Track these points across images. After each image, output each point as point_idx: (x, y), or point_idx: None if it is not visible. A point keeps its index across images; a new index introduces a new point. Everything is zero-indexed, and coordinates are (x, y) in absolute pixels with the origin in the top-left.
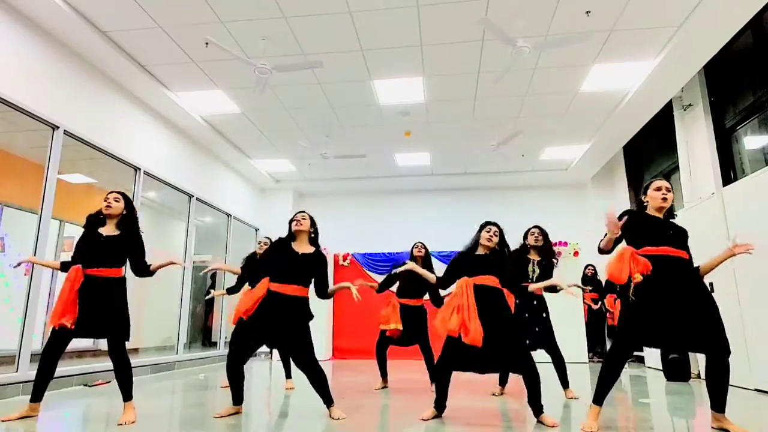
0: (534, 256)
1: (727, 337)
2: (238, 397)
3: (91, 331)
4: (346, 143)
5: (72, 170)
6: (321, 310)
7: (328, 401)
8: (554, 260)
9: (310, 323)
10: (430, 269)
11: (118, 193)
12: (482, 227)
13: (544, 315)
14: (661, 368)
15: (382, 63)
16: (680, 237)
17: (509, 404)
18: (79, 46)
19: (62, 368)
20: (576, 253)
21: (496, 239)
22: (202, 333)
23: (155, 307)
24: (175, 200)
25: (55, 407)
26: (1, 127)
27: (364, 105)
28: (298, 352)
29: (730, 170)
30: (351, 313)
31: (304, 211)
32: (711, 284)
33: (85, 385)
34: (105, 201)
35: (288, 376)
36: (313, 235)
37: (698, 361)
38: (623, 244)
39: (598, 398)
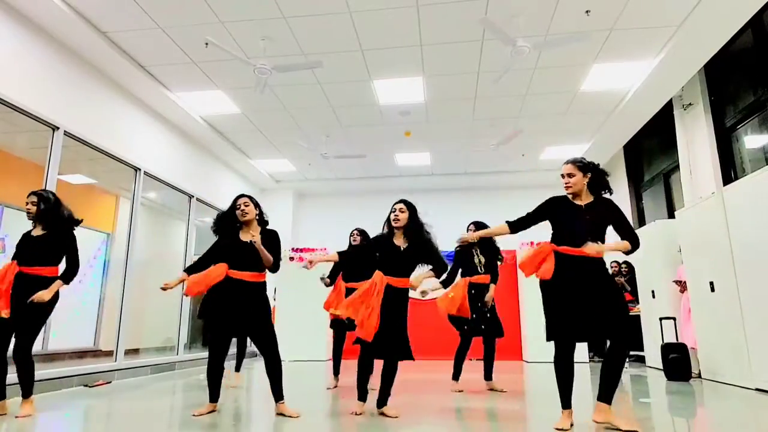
0: (477, 247)
1: (628, 329)
2: (215, 395)
3: (16, 326)
4: (346, 143)
5: (72, 171)
6: (320, 310)
7: (279, 396)
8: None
9: (310, 321)
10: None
11: (33, 193)
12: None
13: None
14: (661, 368)
15: (382, 63)
16: (597, 226)
17: (509, 404)
18: (79, 46)
19: (62, 369)
20: None
21: (402, 216)
22: (202, 333)
23: (155, 308)
24: (175, 200)
25: (55, 408)
26: (2, 127)
27: (364, 105)
28: (261, 336)
29: (730, 169)
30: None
31: (245, 196)
32: (711, 283)
33: (86, 385)
34: (26, 205)
35: (237, 369)
36: (258, 219)
37: (698, 361)
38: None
39: (565, 402)
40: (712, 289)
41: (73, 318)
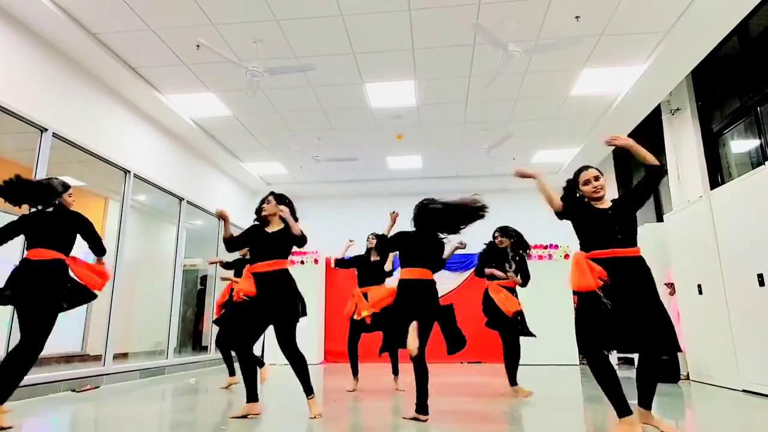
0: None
1: (676, 335)
2: (252, 394)
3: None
4: (337, 146)
5: (61, 173)
6: (313, 314)
7: (309, 390)
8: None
9: (304, 325)
10: (385, 255)
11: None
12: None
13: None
14: None
15: (374, 66)
16: (623, 221)
17: (505, 405)
18: (68, 48)
19: (50, 373)
20: (567, 256)
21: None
22: (192, 337)
23: (145, 311)
24: (165, 203)
25: (42, 413)
26: None
27: (356, 108)
28: (284, 328)
29: (717, 174)
30: (343, 316)
31: (270, 194)
32: (699, 286)
33: (74, 390)
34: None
35: (232, 373)
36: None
37: (687, 362)
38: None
39: (622, 410)
40: (700, 292)
41: (60, 322)
